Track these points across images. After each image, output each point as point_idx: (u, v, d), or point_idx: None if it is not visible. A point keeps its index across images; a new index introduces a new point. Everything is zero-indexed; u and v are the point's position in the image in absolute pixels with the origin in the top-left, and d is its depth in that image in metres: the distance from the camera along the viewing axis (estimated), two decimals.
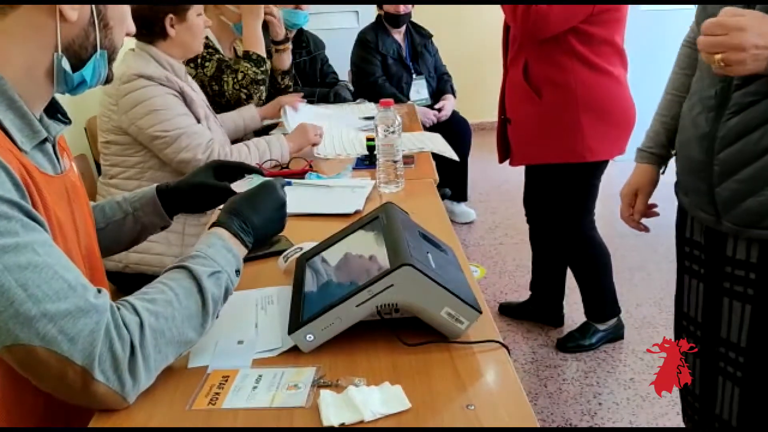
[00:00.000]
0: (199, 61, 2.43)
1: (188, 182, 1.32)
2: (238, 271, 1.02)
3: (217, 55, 2.48)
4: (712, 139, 1.26)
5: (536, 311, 2.78)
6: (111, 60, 1.00)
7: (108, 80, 1.02)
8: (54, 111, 1.03)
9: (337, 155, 2.19)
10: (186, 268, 0.95)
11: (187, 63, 2.38)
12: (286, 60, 2.84)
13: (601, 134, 2.27)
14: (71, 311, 0.82)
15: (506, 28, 2.39)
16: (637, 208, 1.55)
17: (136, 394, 0.88)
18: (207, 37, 2.49)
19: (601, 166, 2.38)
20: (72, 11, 0.90)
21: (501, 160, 2.52)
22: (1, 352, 0.82)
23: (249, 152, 1.91)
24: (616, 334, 2.61)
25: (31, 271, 0.81)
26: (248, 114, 2.41)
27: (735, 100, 1.22)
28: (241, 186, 1.25)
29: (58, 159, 1.00)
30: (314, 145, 2.09)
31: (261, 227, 1.08)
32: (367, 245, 1.12)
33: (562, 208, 2.45)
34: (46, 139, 0.96)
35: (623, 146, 2.37)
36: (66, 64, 0.93)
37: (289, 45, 2.88)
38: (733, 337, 1.35)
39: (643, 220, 1.63)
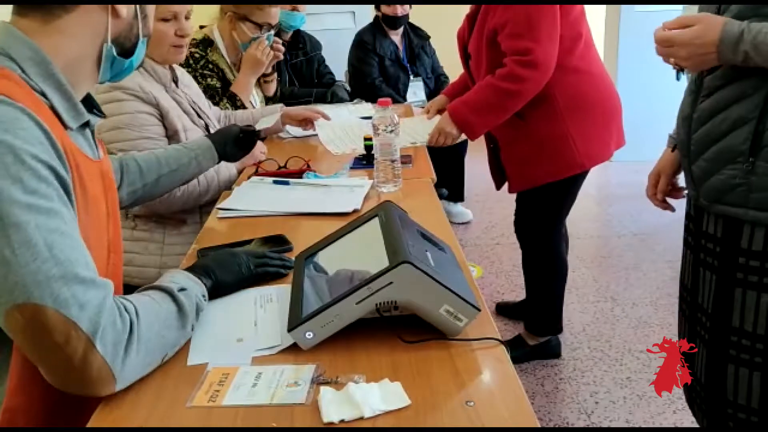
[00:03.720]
0: (195, 74, 2.42)
1: (229, 132, 1.72)
2: (205, 297, 1.08)
3: (212, 81, 2.46)
4: (690, 121, 1.40)
5: None
6: (147, 47, 1.13)
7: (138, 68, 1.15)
8: (90, 106, 1.10)
9: (353, 150, 2.22)
10: (154, 287, 1.02)
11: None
12: (271, 88, 2.87)
13: (592, 136, 2.19)
14: (85, 280, 0.86)
15: (465, 59, 2.31)
16: (660, 188, 1.64)
17: (124, 379, 0.89)
18: (210, 57, 2.49)
19: (588, 170, 2.29)
20: (123, 8, 1.02)
21: (498, 187, 2.44)
22: (9, 311, 0.84)
23: (198, 184, 1.86)
24: (547, 353, 2.53)
25: (59, 236, 0.86)
26: (268, 113, 2.40)
27: (706, 83, 1.35)
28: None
29: (96, 146, 1.10)
30: (259, 163, 2.05)
31: (216, 269, 1.16)
32: (365, 243, 1.13)
33: (542, 215, 2.37)
34: (87, 125, 1.06)
35: (620, 138, 2.29)
36: (115, 52, 1.04)
37: (275, 76, 2.90)
38: (705, 303, 1.47)
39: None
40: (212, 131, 2.03)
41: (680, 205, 1.68)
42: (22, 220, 0.83)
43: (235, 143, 1.71)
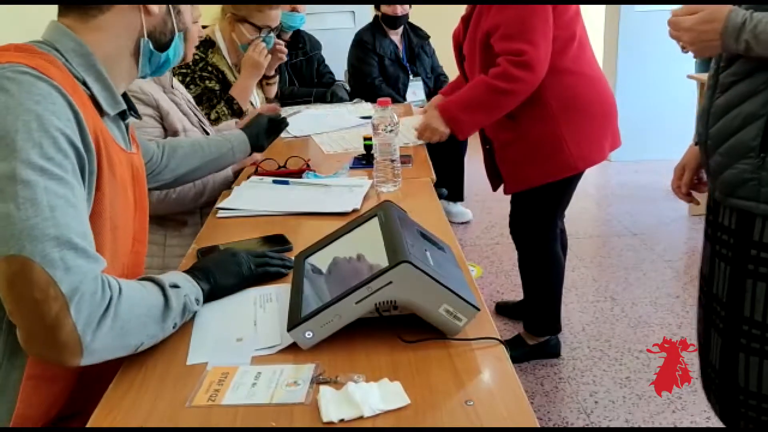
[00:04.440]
0: (193, 76, 2.42)
1: (259, 123, 1.85)
2: (198, 300, 1.10)
3: (210, 83, 2.45)
4: (708, 116, 1.43)
5: None
6: (186, 39, 1.19)
7: (183, 59, 1.22)
8: (128, 107, 1.17)
9: (345, 150, 2.22)
10: (148, 278, 1.05)
11: (184, 81, 2.38)
12: (273, 90, 2.85)
13: (587, 138, 2.17)
14: (77, 248, 0.90)
15: (460, 60, 2.30)
16: (684, 181, 1.66)
17: (92, 353, 0.90)
18: (210, 59, 2.49)
19: (582, 172, 2.28)
20: (155, 5, 1.10)
21: (494, 188, 2.45)
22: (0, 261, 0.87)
23: (193, 185, 1.87)
24: (546, 352, 2.53)
25: (64, 202, 0.90)
26: (224, 128, 2.35)
27: (721, 80, 1.38)
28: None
29: (129, 138, 1.18)
30: (255, 164, 2.03)
31: (216, 272, 1.17)
32: (365, 243, 1.13)
33: (536, 216, 2.37)
34: (123, 116, 1.14)
35: (615, 139, 2.29)
36: (151, 46, 1.12)
37: (278, 78, 2.88)
38: (720, 293, 1.50)
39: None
40: (208, 132, 2.03)
41: (680, 204, 1.69)
42: (32, 180, 0.88)
43: (265, 133, 1.85)
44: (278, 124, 1.89)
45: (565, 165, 2.18)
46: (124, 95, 1.17)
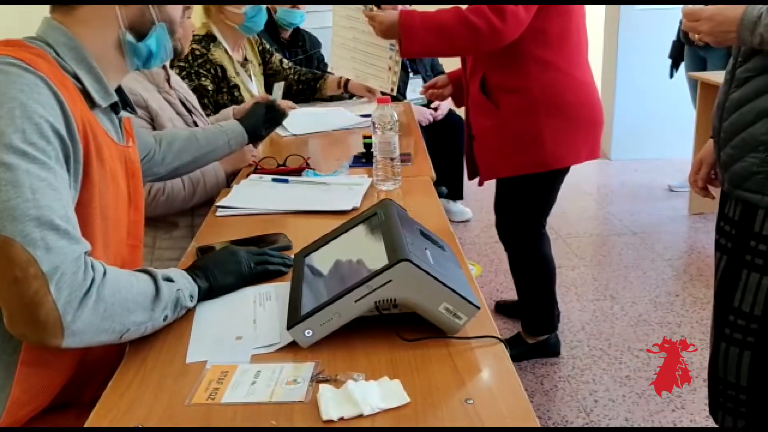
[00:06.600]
0: (190, 71, 2.41)
1: (257, 114, 1.85)
2: (192, 297, 1.10)
3: (205, 81, 2.43)
4: (722, 110, 1.46)
5: None
6: (173, 32, 1.17)
7: (177, 53, 1.21)
8: (124, 103, 1.19)
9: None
10: (142, 270, 1.05)
11: (180, 74, 2.36)
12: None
13: (565, 138, 2.14)
14: (59, 229, 0.91)
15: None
16: (701, 175, 1.68)
17: (73, 334, 0.90)
18: (212, 55, 2.48)
19: (562, 173, 2.26)
20: None
21: (470, 178, 2.44)
22: None
23: (183, 188, 1.85)
24: (546, 351, 2.53)
25: (46, 185, 0.91)
26: (222, 117, 2.33)
27: (737, 75, 1.42)
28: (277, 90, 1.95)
29: (122, 132, 1.18)
30: (250, 165, 2.02)
31: (215, 270, 1.17)
32: (364, 242, 1.13)
33: (520, 217, 2.37)
34: (116, 110, 1.15)
35: (595, 149, 2.25)
36: (131, 38, 1.11)
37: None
38: (715, 285, 1.54)
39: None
40: None
41: (680, 203, 1.68)
42: (14, 163, 0.89)
43: (263, 123, 1.85)
44: (276, 114, 1.89)
45: (538, 160, 2.15)
46: (120, 91, 1.18)
